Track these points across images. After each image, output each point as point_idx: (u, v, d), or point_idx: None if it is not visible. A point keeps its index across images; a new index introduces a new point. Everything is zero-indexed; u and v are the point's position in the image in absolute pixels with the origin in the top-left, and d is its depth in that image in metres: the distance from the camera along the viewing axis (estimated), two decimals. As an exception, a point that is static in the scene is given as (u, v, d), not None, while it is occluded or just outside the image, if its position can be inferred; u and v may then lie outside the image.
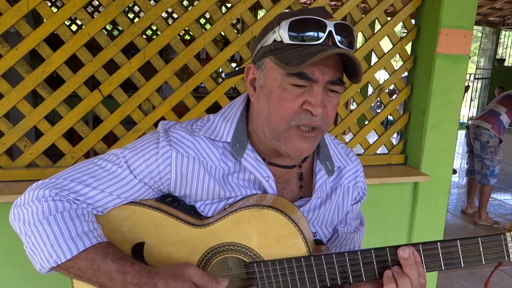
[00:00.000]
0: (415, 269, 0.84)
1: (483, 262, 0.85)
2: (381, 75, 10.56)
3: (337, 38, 0.84)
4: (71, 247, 0.84)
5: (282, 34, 0.85)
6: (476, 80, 10.15)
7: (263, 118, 0.91)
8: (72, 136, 3.98)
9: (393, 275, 0.84)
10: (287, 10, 0.89)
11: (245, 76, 0.97)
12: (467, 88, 7.91)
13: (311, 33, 0.83)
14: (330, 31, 0.83)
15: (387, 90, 2.31)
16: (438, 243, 0.85)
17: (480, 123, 4.34)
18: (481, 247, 0.84)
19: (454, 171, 6.44)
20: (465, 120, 10.04)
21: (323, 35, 0.83)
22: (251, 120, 0.98)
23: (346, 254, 0.87)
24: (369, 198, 2.26)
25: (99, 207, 0.93)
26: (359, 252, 0.87)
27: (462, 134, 8.70)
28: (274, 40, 0.87)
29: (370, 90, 7.62)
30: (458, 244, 0.85)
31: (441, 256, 0.85)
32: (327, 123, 0.90)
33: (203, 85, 2.05)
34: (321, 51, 0.80)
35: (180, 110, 2.07)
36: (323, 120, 0.88)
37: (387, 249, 0.86)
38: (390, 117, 2.50)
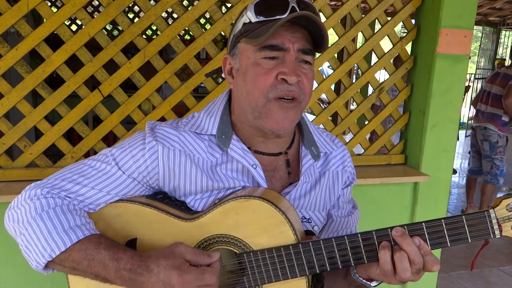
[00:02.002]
0: (413, 244, 0.84)
1: (469, 240, 0.85)
2: (381, 75, 10.55)
3: (300, 10, 0.89)
4: (64, 240, 0.86)
5: (249, 15, 0.91)
6: (476, 80, 10.14)
7: (244, 100, 0.94)
8: (72, 136, 3.97)
9: (392, 253, 0.85)
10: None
11: (223, 67, 1.01)
12: (467, 88, 7.91)
13: (275, 9, 0.89)
14: (293, 6, 0.88)
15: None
16: (423, 224, 0.86)
17: (487, 124, 4.45)
18: (466, 225, 0.85)
19: (454, 171, 6.45)
20: (465, 120, 10.01)
21: (287, 10, 0.88)
22: (234, 110, 1.01)
23: (333, 240, 0.87)
24: (369, 198, 2.28)
25: (91, 204, 0.95)
26: (346, 237, 0.87)
27: (462, 134, 8.70)
28: (243, 23, 0.93)
29: (370, 90, 7.60)
30: (443, 224, 0.85)
31: (427, 236, 0.86)
32: (305, 95, 0.93)
33: (203, 85, 2.05)
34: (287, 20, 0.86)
35: (180, 110, 2.08)
36: (300, 90, 0.92)
37: (373, 232, 0.87)
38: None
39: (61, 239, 0.86)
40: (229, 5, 5.22)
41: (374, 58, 2.42)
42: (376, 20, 2.27)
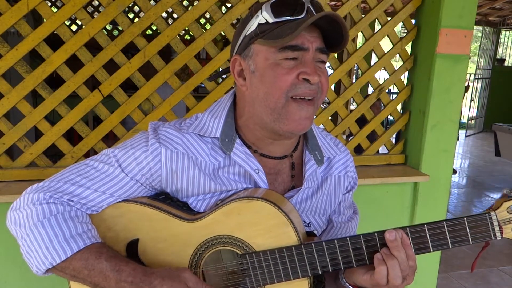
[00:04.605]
0: (403, 251, 0.85)
1: (470, 242, 0.86)
2: (381, 75, 10.55)
3: (314, 10, 0.90)
4: (65, 249, 0.86)
5: (266, 15, 0.89)
6: (476, 80, 10.14)
7: (260, 101, 0.92)
8: (72, 136, 3.97)
9: (383, 257, 0.85)
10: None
11: (232, 69, 0.98)
12: (467, 88, 7.92)
13: (293, 9, 0.88)
14: (308, 7, 0.89)
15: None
16: (425, 225, 0.87)
17: None
18: (467, 227, 0.86)
19: (454, 171, 6.45)
20: (465, 120, 10.01)
21: (303, 10, 0.88)
22: (241, 113, 0.99)
23: (335, 241, 0.87)
24: (369, 198, 2.28)
25: (93, 206, 0.94)
26: (348, 239, 0.87)
27: (462, 134, 8.70)
28: (259, 24, 0.90)
29: (370, 90, 7.60)
30: (445, 226, 0.86)
31: (428, 238, 0.86)
32: (322, 93, 0.94)
33: (203, 85, 2.05)
34: (307, 19, 0.86)
35: (180, 110, 2.07)
36: (318, 90, 0.92)
37: (376, 234, 0.87)
38: (390, 117, 2.50)
39: (61, 248, 0.86)
40: (229, 5, 5.21)
41: (374, 58, 2.42)
42: (376, 20, 2.27)
